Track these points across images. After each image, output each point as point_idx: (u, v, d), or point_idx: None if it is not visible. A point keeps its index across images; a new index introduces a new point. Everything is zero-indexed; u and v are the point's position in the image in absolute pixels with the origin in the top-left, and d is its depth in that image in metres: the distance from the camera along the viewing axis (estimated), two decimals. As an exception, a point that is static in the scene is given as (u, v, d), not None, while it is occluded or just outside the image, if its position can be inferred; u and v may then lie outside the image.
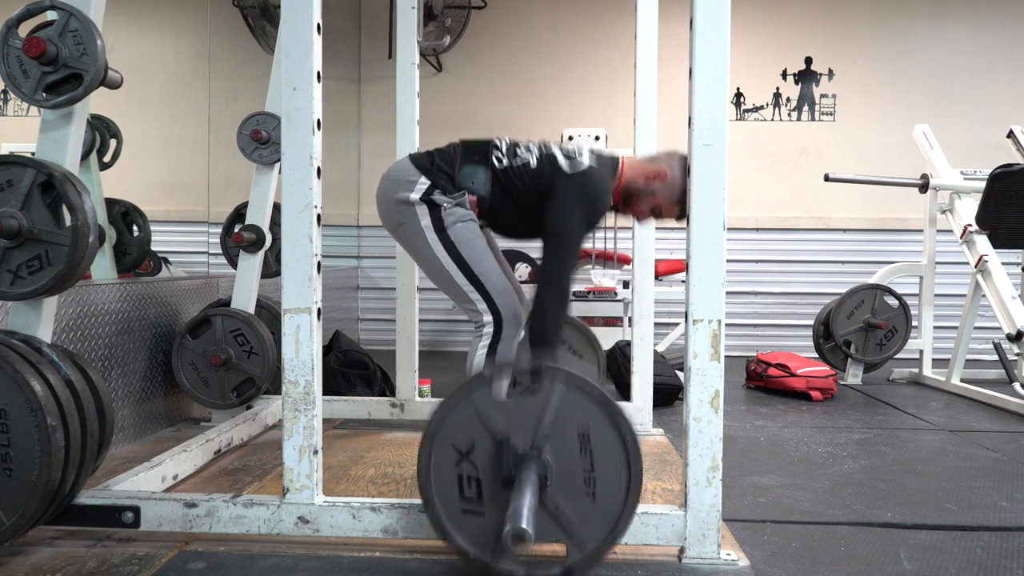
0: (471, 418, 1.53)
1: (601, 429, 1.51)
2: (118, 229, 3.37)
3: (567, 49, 5.58)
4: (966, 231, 3.95)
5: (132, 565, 1.57)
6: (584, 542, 1.51)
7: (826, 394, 3.75)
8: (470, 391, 1.54)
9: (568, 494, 1.52)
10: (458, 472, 1.54)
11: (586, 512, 1.51)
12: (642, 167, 2.11)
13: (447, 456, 1.55)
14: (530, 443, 1.51)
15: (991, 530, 1.89)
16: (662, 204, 2.10)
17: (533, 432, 1.52)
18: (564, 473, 1.51)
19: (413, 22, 2.86)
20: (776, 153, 5.55)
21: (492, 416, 1.53)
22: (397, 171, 2.08)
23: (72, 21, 1.58)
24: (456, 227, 2.02)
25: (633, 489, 1.50)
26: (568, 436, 1.51)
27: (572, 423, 1.51)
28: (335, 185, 5.14)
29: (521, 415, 1.52)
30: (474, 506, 1.54)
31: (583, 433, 1.51)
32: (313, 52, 1.60)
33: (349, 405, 2.96)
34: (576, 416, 1.51)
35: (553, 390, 1.51)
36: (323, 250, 1.66)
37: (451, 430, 1.54)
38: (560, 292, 1.96)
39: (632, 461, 1.50)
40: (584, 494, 1.51)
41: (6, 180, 1.55)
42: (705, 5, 1.54)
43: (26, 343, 1.59)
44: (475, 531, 1.54)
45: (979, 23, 5.44)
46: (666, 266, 4.68)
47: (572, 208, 1.99)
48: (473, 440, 1.54)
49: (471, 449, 1.54)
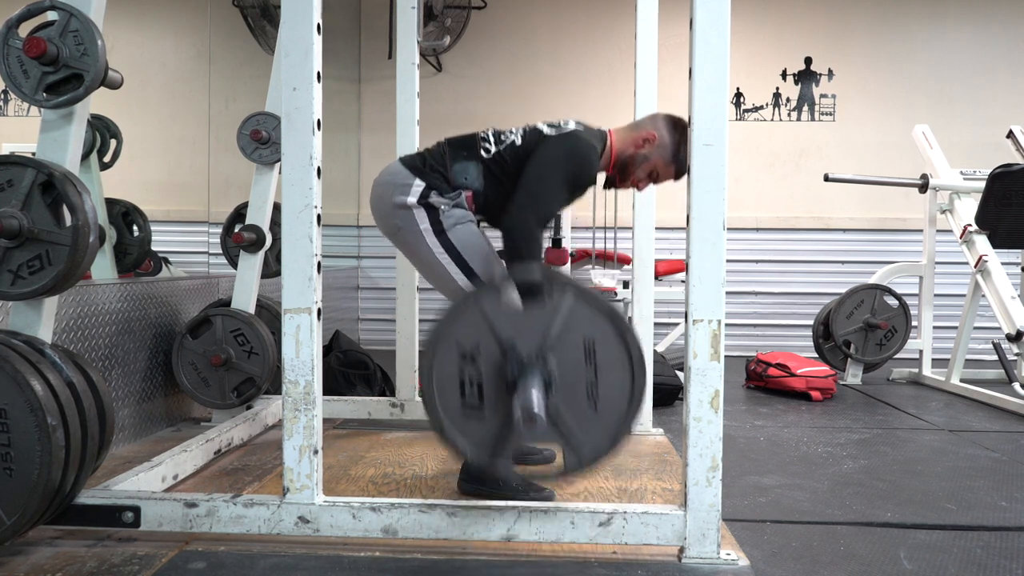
0: (478, 323, 1.54)
1: (607, 342, 1.51)
2: (118, 229, 3.37)
3: (567, 49, 5.58)
4: (966, 231, 3.96)
5: (132, 565, 1.57)
6: (582, 449, 1.52)
7: (826, 394, 3.75)
8: (479, 297, 1.55)
9: (570, 402, 1.52)
10: (461, 374, 1.55)
11: (586, 421, 1.52)
12: (629, 135, 2.12)
13: (451, 358, 1.55)
14: (536, 351, 1.52)
15: (991, 530, 1.90)
16: (658, 166, 2.11)
17: (540, 340, 1.52)
18: (568, 382, 1.52)
19: (413, 22, 2.86)
20: (776, 153, 5.55)
21: (499, 322, 1.53)
22: (390, 175, 2.07)
23: (72, 21, 1.58)
24: (456, 229, 2.02)
25: (635, 402, 1.52)
26: (574, 346, 1.52)
27: (579, 334, 1.52)
28: (335, 185, 5.14)
29: (528, 323, 1.53)
30: (475, 409, 1.55)
31: (589, 344, 1.52)
32: (313, 52, 1.60)
33: (349, 405, 2.96)
34: (583, 327, 1.52)
35: (562, 301, 1.52)
36: (323, 250, 1.66)
37: (457, 333, 1.55)
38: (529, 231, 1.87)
39: (636, 375, 1.51)
40: (586, 403, 1.52)
41: (7, 180, 1.55)
42: (705, 5, 1.54)
43: (27, 343, 1.59)
44: (474, 433, 1.55)
45: (979, 23, 5.45)
46: (666, 266, 4.68)
47: (554, 160, 1.96)
48: (479, 344, 1.54)
49: (476, 353, 1.54)
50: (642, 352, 1.52)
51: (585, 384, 1.52)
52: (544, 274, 1.55)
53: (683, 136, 2.09)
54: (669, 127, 2.09)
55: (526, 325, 1.53)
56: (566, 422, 1.52)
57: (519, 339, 1.53)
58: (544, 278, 1.54)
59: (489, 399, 1.54)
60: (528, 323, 1.53)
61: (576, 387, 1.52)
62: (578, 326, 1.52)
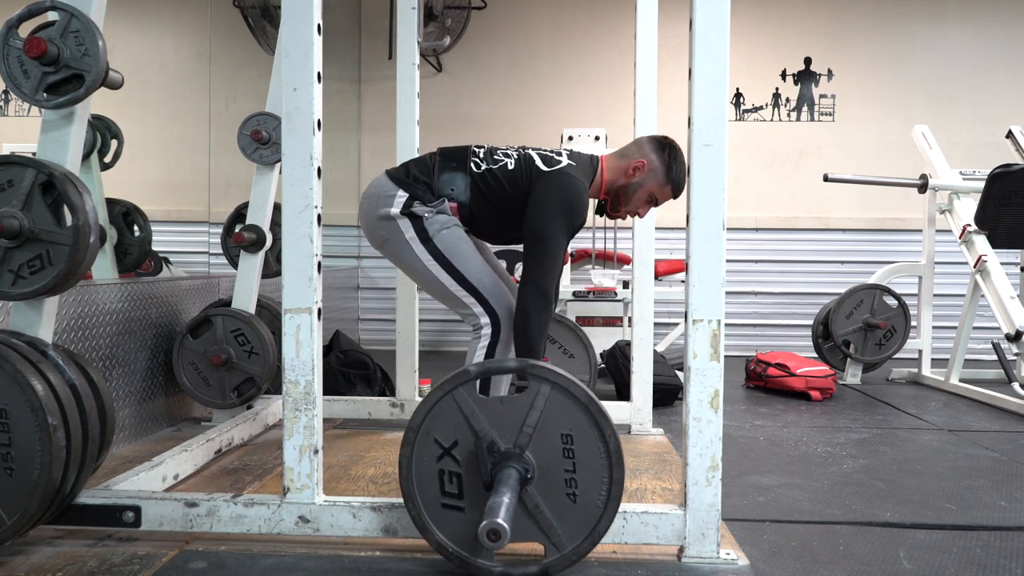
0: (454, 414, 1.54)
1: (585, 432, 1.51)
2: (119, 229, 3.37)
3: (567, 49, 5.58)
4: (965, 231, 3.96)
5: (133, 564, 1.57)
6: (563, 542, 1.52)
7: (825, 394, 3.75)
8: (454, 387, 1.54)
9: (549, 494, 1.52)
10: (440, 467, 1.55)
11: (566, 513, 1.52)
12: (619, 165, 2.15)
13: (429, 451, 1.55)
14: (513, 442, 1.52)
15: (990, 530, 1.90)
16: (654, 191, 2.13)
17: (516, 431, 1.52)
18: (546, 473, 1.52)
19: (413, 22, 2.86)
20: (776, 153, 5.55)
21: (475, 413, 1.53)
22: (375, 188, 2.10)
23: (73, 22, 1.58)
24: (441, 234, 2.03)
25: (614, 493, 1.51)
26: (551, 437, 1.52)
27: (556, 424, 1.52)
28: (335, 185, 5.14)
29: (505, 413, 1.53)
30: (455, 502, 1.54)
31: (567, 435, 1.52)
32: (313, 52, 1.60)
33: (349, 405, 2.96)
34: (560, 417, 1.52)
35: (539, 390, 1.52)
36: (323, 250, 1.66)
37: (434, 425, 1.55)
38: (542, 293, 1.97)
39: (614, 464, 1.51)
40: (565, 495, 1.52)
41: (7, 180, 1.55)
42: (705, 5, 1.54)
43: (27, 343, 1.60)
44: (455, 527, 1.54)
45: (979, 23, 5.45)
46: (666, 266, 4.68)
47: (551, 210, 2.00)
48: (456, 436, 1.54)
49: (454, 445, 1.54)
50: (619, 444, 1.51)
51: (564, 477, 1.52)
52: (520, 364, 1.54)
53: (672, 155, 2.12)
54: (656, 150, 2.11)
55: (503, 415, 1.52)
56: (545, 515, 1.52)
57: (495, 430, 1.52)
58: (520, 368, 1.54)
59: (468, 491, 1.54)
60: (505, 415, 1.52)
61: (554, 479, 1.52)
62: (555, 418, 1.51)
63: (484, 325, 2.06)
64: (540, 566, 1.52)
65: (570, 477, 1.51)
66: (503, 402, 1.54)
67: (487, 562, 1.53)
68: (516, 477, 1.48)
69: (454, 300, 2.08)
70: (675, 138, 2.18)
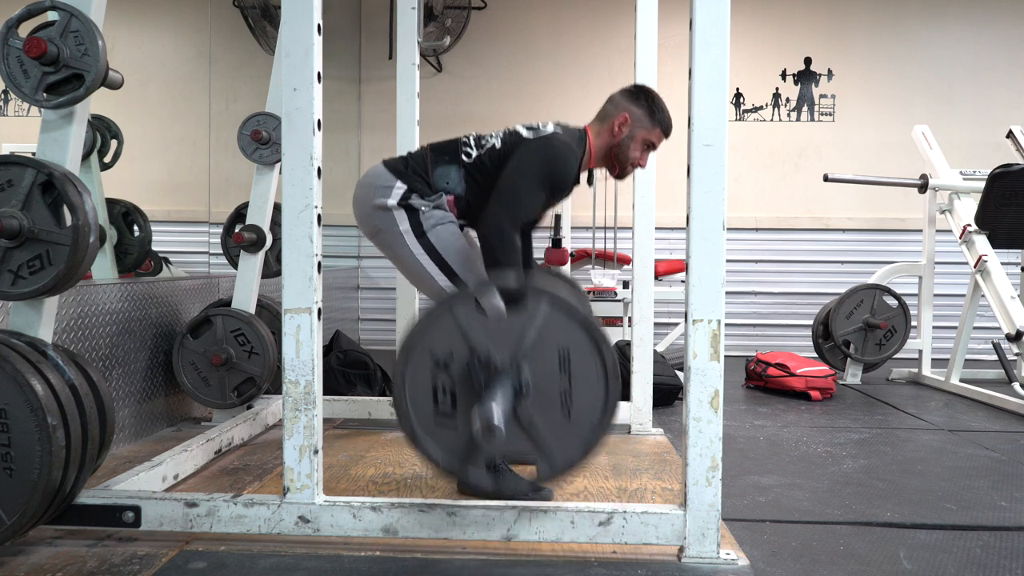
0: (452, 330, 1.54)
1: (582, 351, 1.51)
2: (119, 229, 3.38)
3: (567, 49, 5.58)
4: (965, 231, 3.96)
5: (133, 564, 1.57)
6: (555, 457, 1.52)
7: (825, 394, 3.75)
8: (454, 303, 1.54)
9: (543, 410, 1.52)
10: (434, 382, 1.55)
11: (560, 429, 1.52)
12: (604, 127, 2.14)
13: (424, 366, 1.55)
14: (509, 359, 1.52)
15: (990, 530, 1.90)
16: (644, 137, 2.12)
17: (513, 349, 1.52)
18: (541, 390, 1.52)
19: (413, 22, 2.86)
20: (775, 153, 5.55)
21: (473, 330, 1.53)
22: (372, 177, 2.08)
23: (73, 22, 1.58)
24: (436, 230, 2.02)
25: (609, 410, 1.51)
26: (548, 355, 1.52)
27: (553, 343, 1.51)
28: (335, 185, 5.13)
29: (503, 331, 1.53)
30: (447, 417, 1.55)
31: (564, 353, 1.51)
32: (313, 53, 1.60)
33: (349, 405, 2.96)
34: (558, 336, 1.51)
35: (538, 309, 1.51)
36: (323, 250, 1.66)
37: (431, 340, 1.55)
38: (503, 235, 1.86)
39: (610, 384, 1.51)
40: (559, 412, 1.52)
41: (7, 180, 1.55)
42: (705, 5, 1.54)
43: (27, 343, 1.60)
44: (447, 442, 1.55)
45: (979, 23, 5.45)
46: (666, 266, 4.68)
47: (530, 163, 1.97)
48: (452, 352, 1.54)
49: (449, 360, 1.54)
50: (616, 362, 1.52)
51: (559, 393, 1.52)
52: (520, 281, 1.54)
53: (649, 98, 2.12)
54: (632, 100, 2.11)
55: (500, 333, 1.53)
56: (539, 430, 1.52)
57: (492, 347, 1.52)
58: (520, 285, 1.54)
59: (461, 407, 1.54)
60: (502, 331, 1.53)
61: (550, 396, 1.52)
62: (553, 335, 1.52)
63: None
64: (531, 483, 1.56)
65: (566, 393, 1.52)
66: (501, 320, 1.53)
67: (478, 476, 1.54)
68: (510, 389, 1.48)
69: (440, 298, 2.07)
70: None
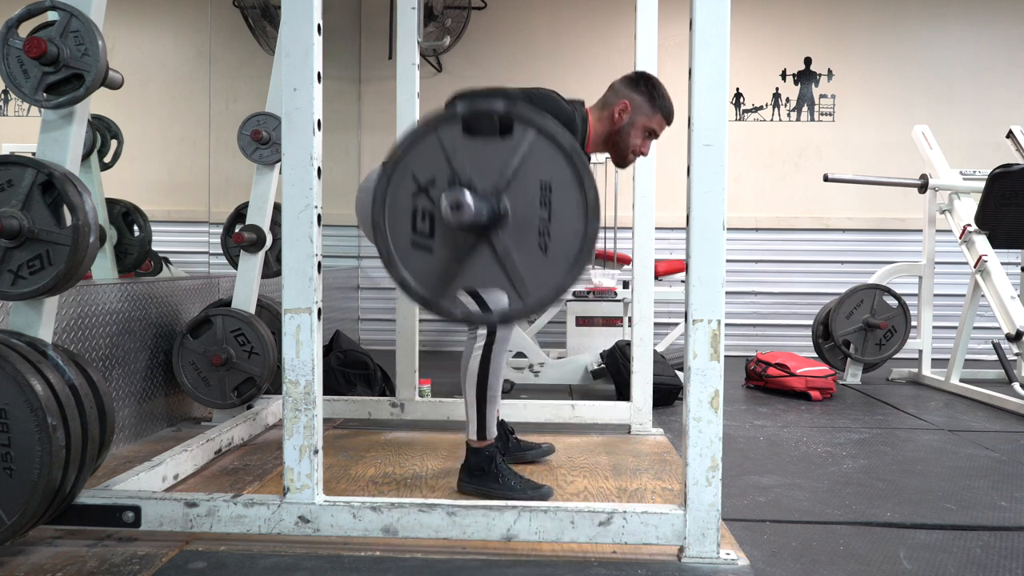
0: (435, 151, 1.49)
1: (565, 184, 1.47)
2: (119, 229, 3.37)
3: (567, 49, 5.58)
4: (965, 231, 3.96)
5: (133, 564, 1.57)
6: (527, 292, 1.50)
7: (825, 394, 3.75)
8: (439, 124, 1.49)
9: (520, 244, 1.49)
10: (414, 204, 1.51)
11: (535, 264, 1.49)
12: (603, 115, 2.13)
13: (405, 186, 1.51)
14: (491, 185, 1.48)
15: (990, 530, 1.90)
16: (646, 124, 2.12)
17: (496, 174, 1.48)
18: (520, 222, 1.48)
19: (413, 23, 2.86)
20: (775, 153, 5.55)
21: (457, 152, 1.49)
22: (371, 182, 2.07)
23: (73, 21, 1.58)
24: None
25: (585, 249, 1.48)
26: (530, 185, 1.48)
27: (537, 172, 1.48)
28: (335, 185, 5.14)
29: (486, 155, 1.48)
30: (424, 241, 1.51)
31: (546, 185, 1.48)
32: (313, 53, 1.60)
33: (349, 405, 2.96)
34: (542, 166, 1.47)
35: (524, 135, 1.47)
36: (323, 250, 1.66)
37: (414, 160, 1.51)
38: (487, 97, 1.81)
39: (589, 221, 1.47)
40: (536, 246, 1.49)
41: (7, 180, 1.55)
42: (705, 5, 1.54)
43: (27, 343, 1.60)
44: (421, 267, 1.52)
45: (979, 23, 5.45)
46: (666, 266, 4.68)
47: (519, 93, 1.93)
48: (434, 174, 1.50)
49: (431, 183, 1.50)
50: (597, 198, 1.47)
51: (537, 226, 1.47)
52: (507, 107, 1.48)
53: (650, 84, 2.12)
54: (633, 87, 2.11)
55: (484, 159, 1.48)
56: (514, 263, 1.48)
57: (475, 172, 1.47)
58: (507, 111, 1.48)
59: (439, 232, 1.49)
60: (486, 157, 1.48)
61: (528, 228, 1.47)
62: (536, 165, 1.47)
63: None
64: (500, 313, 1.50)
65: (544, 226, 1.48)
66: (486, 144, 1.49)
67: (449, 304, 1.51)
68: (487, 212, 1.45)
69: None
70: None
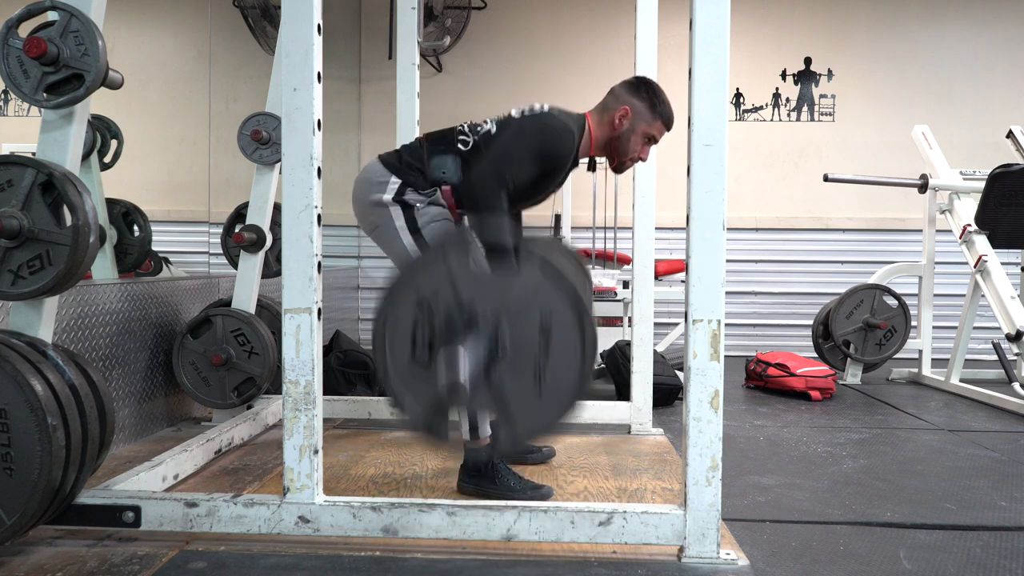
0: (441, 278, 1.53)
1: (564, 321, 1.50)
2: (119, 229, 3.37)
3: (567, 49, 5.58)
4: (965, 231, 3.96)
5: (133, 564, 1.57)
6: (516, 422, 1.52)
7: (825, 394, 3.75)
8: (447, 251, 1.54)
9: (515, 373, 1.51)
10: (415, 326, 1.54)
11: (527, 396, 1.51)
12: (604, 119, 2.13)
13: (408, 308, 1.55)
14: (491, 315, 1.51)
15: (990, 530, 1.90)
16: (646, 130, 2.12)
17: (497, 305, 1.51)
18: (517, 354, 1.51)
19: (413, 23, 2.86)
20: (775, 153, 5.55)
21: (463, 279, 1.52)
22: (368, 173, 2.08)
23: (73, 22, 1.58)
24: (430, 227, 2.01)
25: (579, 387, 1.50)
26: (530, 321, 1.50)
27: (536, 307, 1.50)
28: (335, 185, 5.13)
29: (491, 286, 1.52)
30: (423, 363, 1.55)
31: (546, 319, 1.50)
32: (313, 53, 1.60)
33: (349, 405, 2.96)
34: (544, 300, 1.50)
35: (528, 271, 1.51)
36: (323, 250, 1.66)
37: (419, 283, 1.55)
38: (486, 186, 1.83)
39: (586, 360, 1.49)
40: (530, 379, 1.51)
41: (7, 180, 1.55)
42: (705, 5, 1.54)
43: (27, 343, 1.60)
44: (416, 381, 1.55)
45: (979, 23, 5.45)
46: (666, 266, 4.68)
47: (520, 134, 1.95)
48: (438, 300, 1.54)
49: (434, 308, 1.54)
50: (595, 337, 1.49)
51: (534, 360, 1.50)
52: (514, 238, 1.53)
53: (650, 90, 2.11)
54: (634, 92, 2.11)
55: (487, 288, 1.51)
56: (507, 394, 1.50)
57: (477, 300, 1.51)
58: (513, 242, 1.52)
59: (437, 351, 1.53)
60: (489, 286, 1.51)
61: (524, 360, 1.50)
62: (537, 298, 1.50)
63: None
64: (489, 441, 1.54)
65: (540, 360, 1.50)
66: (491, 276, 1.54)
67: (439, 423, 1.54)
68: (486, 346, 1.48)
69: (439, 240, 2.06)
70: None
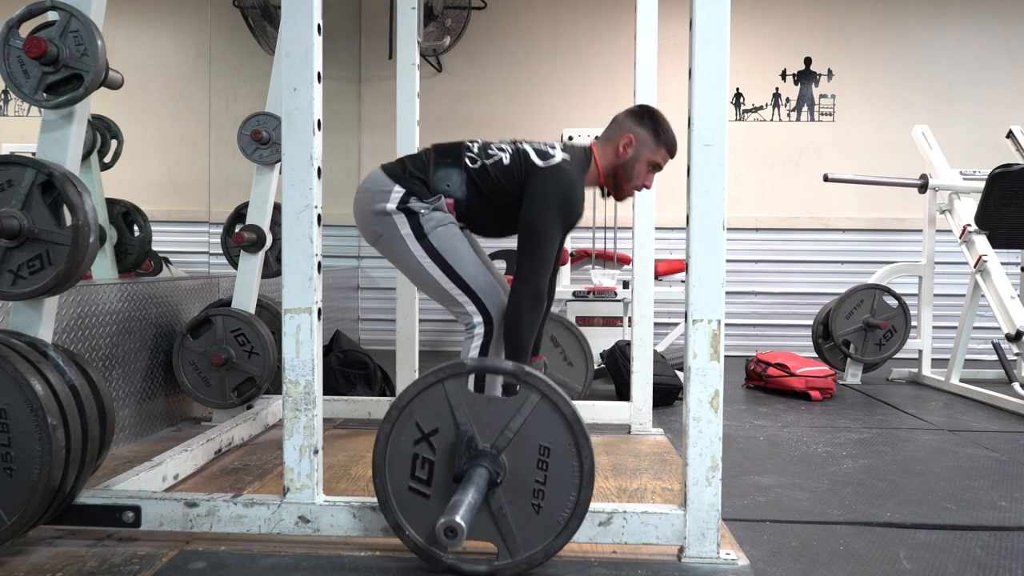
0: (441, 403, 1.55)
1: (563, 447, 1.53)
2: (119, 229, 3.37)
3: (567, 49, 5.58)
4: (965, 231, 3.96)
5: (133, 564, 1.57)
6: (518, 548, 1.53)
7: (825, 394, 3.75)
8: (447, 376, 1.55)
9: (514, 500, 1.54)
10: (415, 451, 1.56)
11: (528, 521, 1.53)
12: (609, 148, 2.16)
13: (408, 432, 1.56)
14: (491, 442, 1.53)
15: (990, 530, 1.90)
16: (650, 159, 2.14)
17: (497, 433, 1.53)
18: (516, 479, 1.53)
19: (413, 23, 2.86)
20: (775, 153, 5.55)
21: (462, 406, 1.54)
22: (370, 183, 2.09)
23: (73, 22, 1.58)
24: (437, 232, 2.03)
25: (578, 513, 1.53)
26: (530, 445, 1.53)
27: (537, 434, 1.53)
28: (335, 185, 5.14)
29: (490, 413, 1.54)
30: (422, 487, 1.56)
31: (545, 447, 1.53)
32: (313, 53, 1.60)
33: (349, 405, 2.96)
34: (543, 429, 1.53)
35: (528, 398, 1.53)
36: (323, 250, 1.66)
37: (419, 409, 1.56)
38: (535, 291, 1.99)
39: (584, 486, 1.52)
40: (530, 504, 1.53)
41: (7, 180, 1.55)
42: (705, 5, 1.54)
43: (27, 343, 1.60)
44: (417, 512, 1.56)
45: (979, 23, 5.45)
46: (666, 266, 4.68)
47: (546, 206, 2.01)
48: (437, 424, 1.55)
49: (433, 432, 1.56)
50: (593, 466, 1.52)
51: (533, 486, 1.53)
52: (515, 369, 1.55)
53: (654, 119, 2.14)
54: (637, 121, 2.13)
55: (487, 415, 1.54)
56: (507, 520, 1.53)
57: (477, 427, 1.54)
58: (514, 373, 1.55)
59: (437, 481, 1.55)
60: (490, 413, 1.54)
61: (524, 486, 1.53)
62: (537, 427, 1.53)
63: (477, 324, 2.06)
64: (490, 567, 1.54)
65: (539, 488, 1.53)
66: (490, 402, 1.56)
67: (440, 552, 1.55)
68: (486, 477, 1.49)
69: (447, 298, 2.08)
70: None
